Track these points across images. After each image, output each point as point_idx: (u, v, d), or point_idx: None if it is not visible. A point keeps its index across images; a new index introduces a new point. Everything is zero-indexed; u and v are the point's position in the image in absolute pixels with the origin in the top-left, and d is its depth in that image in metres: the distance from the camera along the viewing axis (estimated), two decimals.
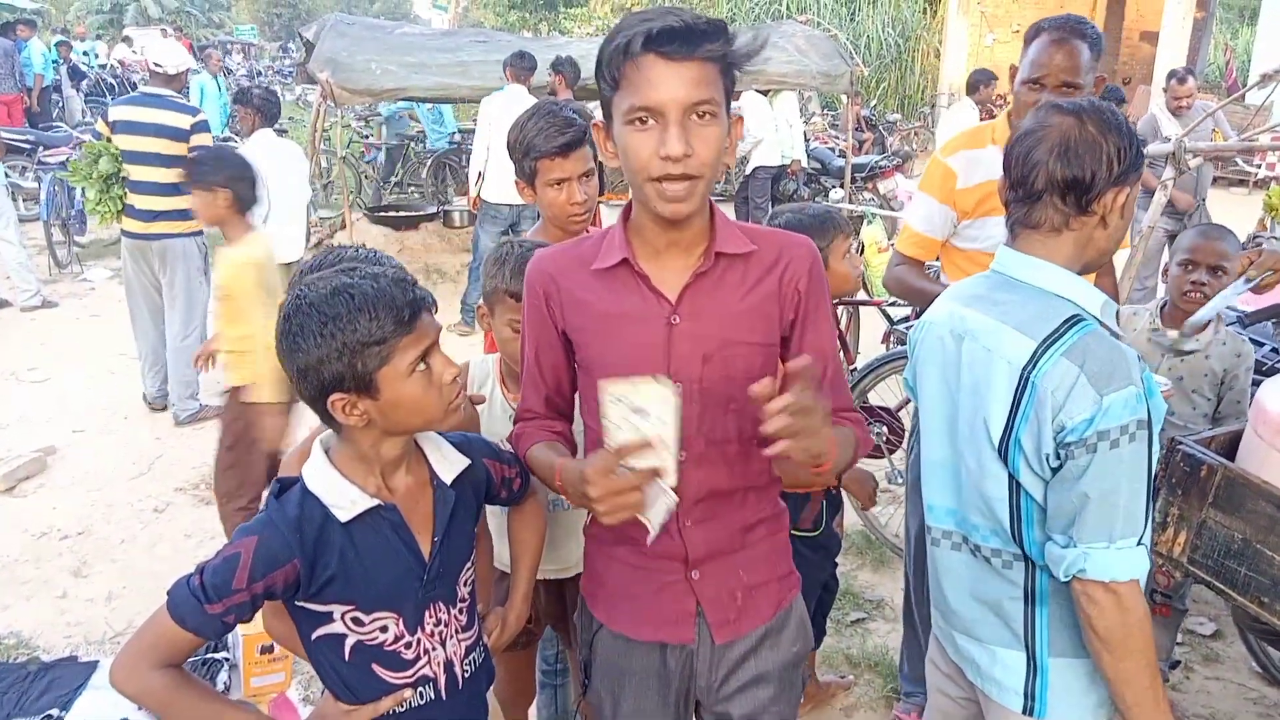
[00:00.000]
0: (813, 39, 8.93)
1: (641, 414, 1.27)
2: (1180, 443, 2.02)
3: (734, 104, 1.43)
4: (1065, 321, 1.49)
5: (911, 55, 18.14)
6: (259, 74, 23.14)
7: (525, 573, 1.77)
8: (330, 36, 7.18)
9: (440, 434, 1.55)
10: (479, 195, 6.68)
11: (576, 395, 1.63)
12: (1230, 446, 2.11)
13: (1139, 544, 1.45)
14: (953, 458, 1.65)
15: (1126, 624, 1.45)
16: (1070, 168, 1.49)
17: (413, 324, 1.36)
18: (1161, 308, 2.82)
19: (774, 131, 8.73)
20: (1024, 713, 1.61)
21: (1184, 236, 2.81)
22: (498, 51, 7.15)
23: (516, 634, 1.77)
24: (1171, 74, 6.65)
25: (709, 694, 1.61)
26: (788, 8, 17.64)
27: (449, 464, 1.53)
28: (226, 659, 3.06)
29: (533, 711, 2.56)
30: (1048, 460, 1.48)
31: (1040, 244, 1.56)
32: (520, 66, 6.55)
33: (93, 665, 3.07)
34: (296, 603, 1.43)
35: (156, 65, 5.18)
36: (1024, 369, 1.48)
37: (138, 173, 5.06)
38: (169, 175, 5.04)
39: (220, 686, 2.96)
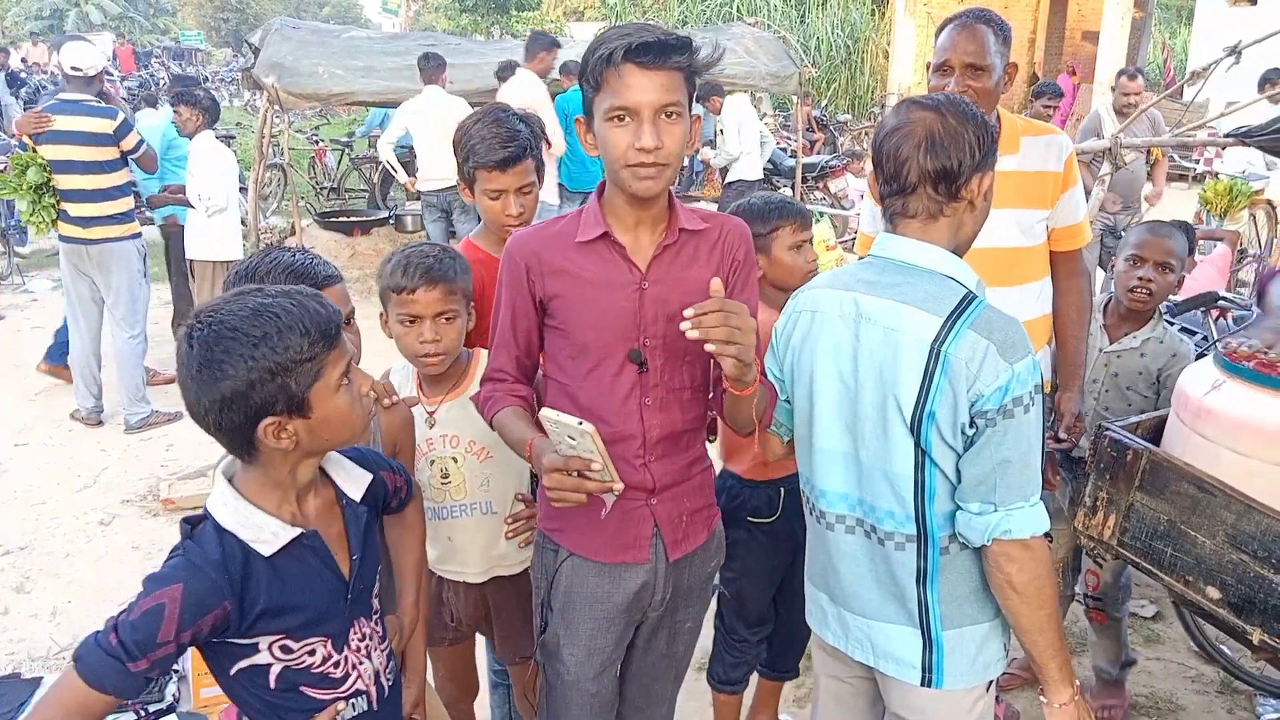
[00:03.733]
0: (762, 40, 8.99)
1: (573, 440, 1.50)
2: (1107, 428, 2.08)
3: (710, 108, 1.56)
4: (963, 298, 1.58)
5: (861, 56, 18.36)
6: (205, 80, 22.78)
7: (413, 573, 1.80)
8: (275, 41, 7.09)
9: (338, 450, 1.53)
10: (411, 180, 7.14)
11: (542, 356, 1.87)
12: (1156, 432, 2.17)
13: (1040, 499, 1.59)
14: (850, 443, 1.69)
15: (1041, 574, 1.57)
16: (939, 159, 1.59)
17: (339, 337, 1.35)
18: (1105, 304, 2.81)
19: (758, 145, 8.37)
20: (922, 685, 1.69)
21: (1132, 232, 2.79)
22: (447, 55, 7.13)
23: (413, 631, 1.77)
24: (1121, 71, 6.79)
25: (658, 607, 1.88)
26: (738, 10, 17.75)
27: (354, 481, 1.52)
28: (176, 670, 3.03)
29: (483, 710, 2.56)
30: (962, 430, 1.55)
31: (920, 230, 1.66)
32: (429, 68, 6.78)
33: (36, 682, 3.02)
34: (214, 641, 1.37)
35: (75, 69, 5.04)
36: (934, 343, 1.55)
37: (67, 181, 4.97)
38: (99, 181, 4.99)
39: (169, 699, 2.93)
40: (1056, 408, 2.64)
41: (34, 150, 4.94)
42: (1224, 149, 7.89)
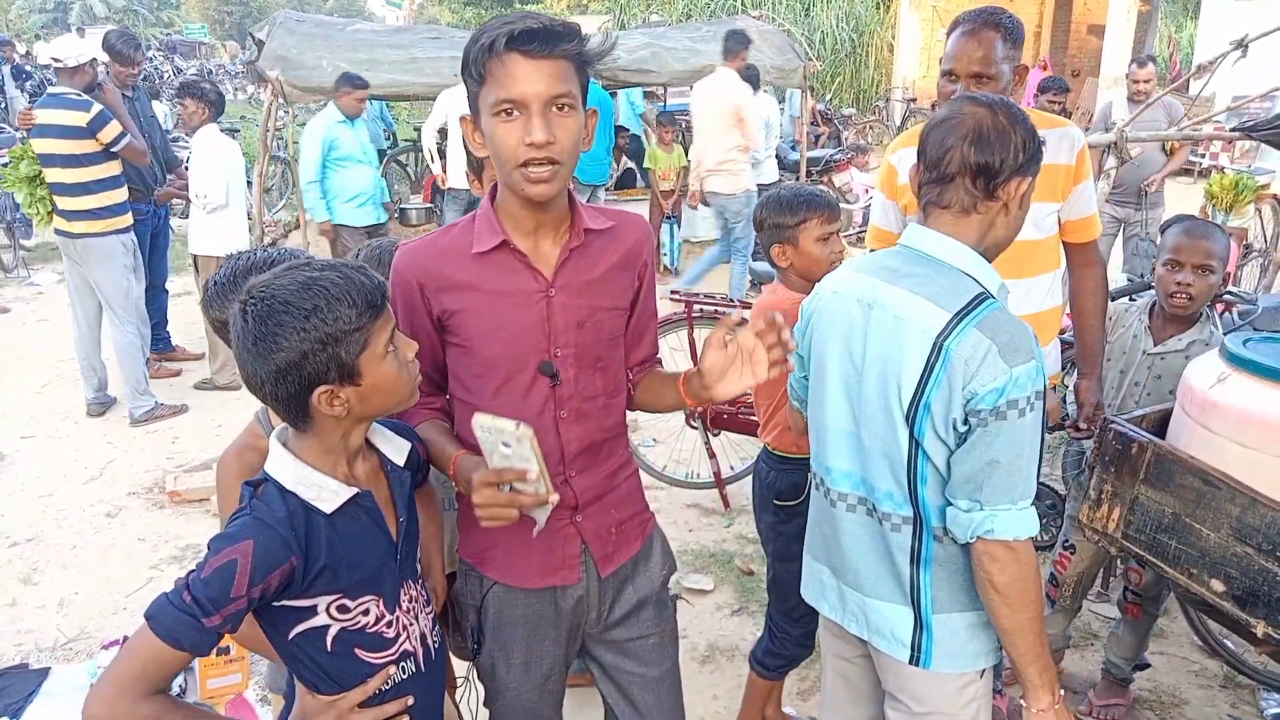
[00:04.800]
0: (766, 34, 8.97)
1: (508, 447, 1.42)
2: (1113, 421, 2.08)
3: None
4: (975, 297, 1.60)
5: (865, 50, 18.31)
6: (209, 72, 22.79)
7: (437, 545, 1.84)
8: (280, 34, 7.10)
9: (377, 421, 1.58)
10: (436, 173, 7.29)
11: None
12: (1161, 425, 2.17)
13: (1030, 504, 1.60)
14: (853, 423, 1.74)
15: (1024, 577, 1.59)
16: (982, 153, 1.62)
17: (384, 306, 1.40)
18: (1151, 307, 2.75)
19: (773, 144, 8.30)
20: (910, 663, 1.74)
21: (1169, 234, 2.70)
22: (451, 48, 7.14)
23: (444, 600, 1.83)
24: (1133, 59, 6.76)
25: (598, 625, 1.80)
26: (742, 3, 17.71)
27: (396, 448, 1.58)
28: None
29: None
30: (954, 425, 1.58)
31: (950, 224, 1.68)
32: None
33: (44, 672, 3.04)
34: (276, 603, 1.41)
35: (55, 60, 5.06)
36: (938, 337, 1.57)
37: (51, 175, 5.02)
38: (78, 175, 5.01)
39: (176, 689, 2.94)
40: (1076, 396, 2.65)
41: (28, 144, 5.04)
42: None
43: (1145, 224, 6.44)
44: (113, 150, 5.06)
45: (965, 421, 1.57)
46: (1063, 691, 1.69)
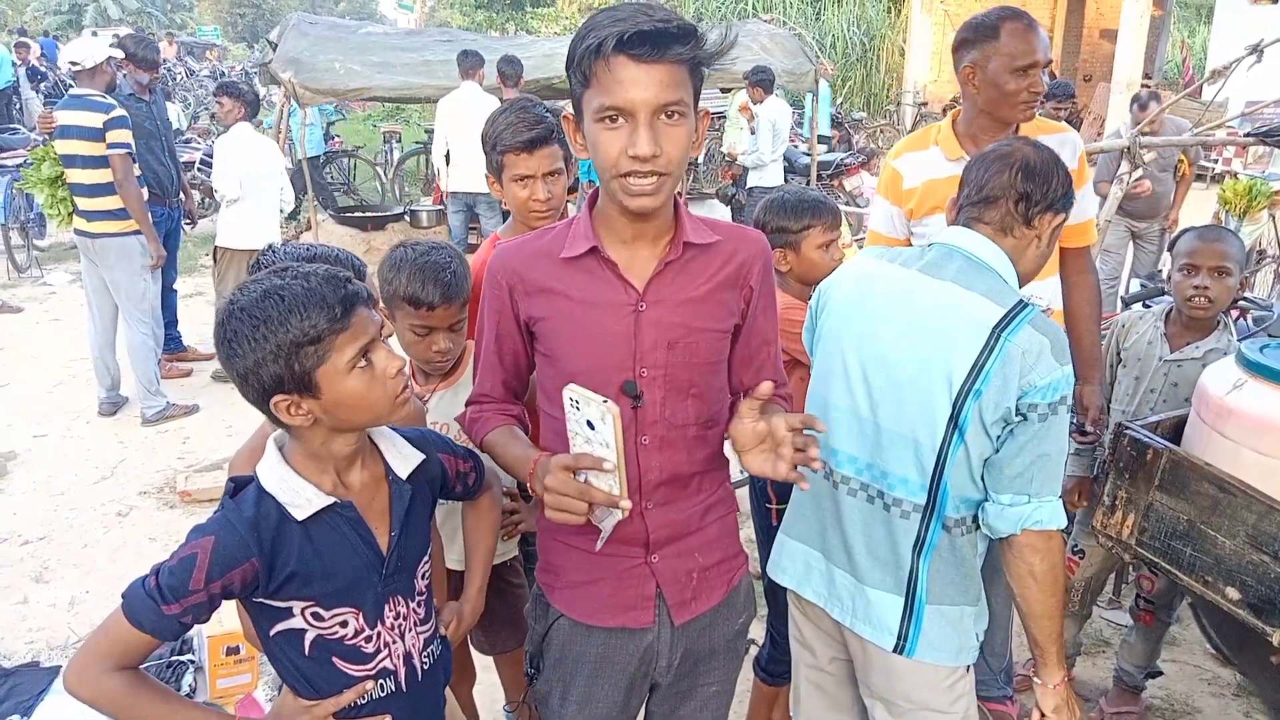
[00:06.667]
0: (777, 37, 8.97)
1: (592, 428, 1.34)
2: (1127, 427, 2.07)
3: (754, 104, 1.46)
4: (1020, 300, 1.69)
5: (877, 54, 18.28)
6: (222, 74, 22.87)
7: (481, 565, 1.79)
8: (293, 36, 7.14)
9: (395, 429, 1.55)
10: (444, 188, 7.28)
11: (532, 378, 1.68)
12: (1176, 431, 2.16)
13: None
14: (868, 409, 1.76)
15: (1058, 564, 1.69)
16: (1028, 181, 1.75)
17: (347, 320, 1.34)
18: (1167, 314, 2.74)
19: (780, 148, 8.21)
20: (894, 651, 1.77)
21: (1183, 240, 2.69)
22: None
23: (473, 626, 1.79)
24: (1134, 99, 6.68)
25: (668, 674, 1.67)
26: (753, 7, 17.70)
27: (403, 459, 1.53)
28: (192, 661, 3.05)
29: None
30: (1005, 418, 1.64)
31: (991, 235, 1.77)
32: (466, 64, 6.95)
33: (55, 671, 3.05)
34: (254, 600, 1.41)
35: (73, 63, 5.09)
36: (995, 327, 1.64)
37: (72, 175, 5.07)
38: (97, 176, 5.03)
39: (186, 689, 2.95)
40: (1079, 402, 2.63)
41: (50, 145, 5.07)
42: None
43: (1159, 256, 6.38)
44: (107, 153, 4.98)
45: (1018, 412, 1.63)
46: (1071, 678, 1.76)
